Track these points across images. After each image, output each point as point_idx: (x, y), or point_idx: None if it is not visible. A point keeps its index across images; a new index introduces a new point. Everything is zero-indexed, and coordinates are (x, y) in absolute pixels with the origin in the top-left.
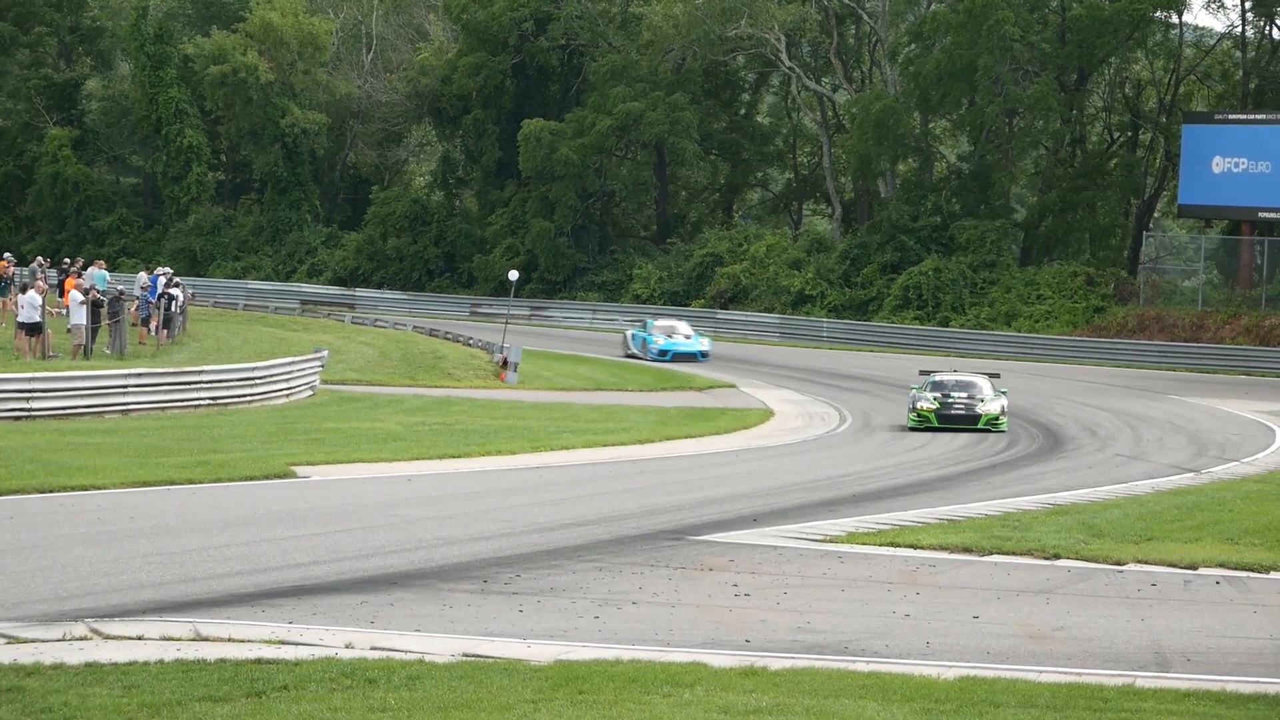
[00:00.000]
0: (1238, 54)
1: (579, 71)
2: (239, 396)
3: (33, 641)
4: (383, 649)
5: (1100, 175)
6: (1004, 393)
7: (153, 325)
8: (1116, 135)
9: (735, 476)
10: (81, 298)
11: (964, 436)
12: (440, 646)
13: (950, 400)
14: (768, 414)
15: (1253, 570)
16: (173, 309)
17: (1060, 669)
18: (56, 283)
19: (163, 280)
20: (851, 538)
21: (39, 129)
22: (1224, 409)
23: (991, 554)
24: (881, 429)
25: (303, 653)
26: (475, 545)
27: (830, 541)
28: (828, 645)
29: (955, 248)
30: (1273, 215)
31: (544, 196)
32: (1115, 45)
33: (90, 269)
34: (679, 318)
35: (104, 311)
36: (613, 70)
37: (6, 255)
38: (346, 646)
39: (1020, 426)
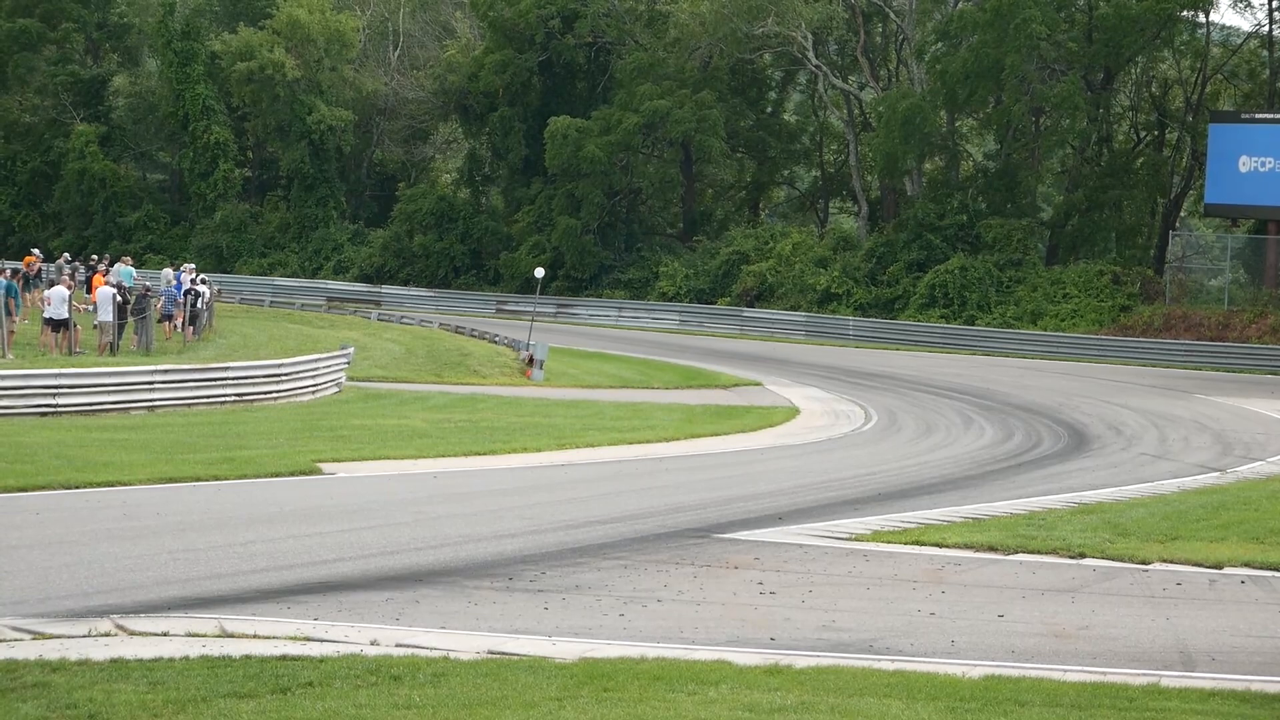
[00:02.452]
0: (1264, 53)
1: (605, 69)
2: (265, 393)
3: (58, 637)
4: (408, 646)
5: (1127, 174)
6: None
7: (177, 321)
8: (1143, 134)
9: (760, 474)
10: (110, 294)
11: (989, 434)
12: (465, 643)
13: None
14: (793, 412)
15: (1278, 570)
16: (198, 305)
17: (1085, 668)
18: (84, 279)
19: (187, 278)
20: (876, 536)
21: (66, 125)
22: (1250, 408)
23: (1017, 553)
24: (906, 428)
25: (328, 649)
26: (500, 542)
27: (855, 540)
28: (852, 643)
29: (981, 246)
30: None
31: (570, 194)
32: (1142, 44)
33: (117, 265)
34: None
35: (130, 308)
36: (639, 68)
37: (34, 251)
38: (372, 643)
39: (1045, 425)
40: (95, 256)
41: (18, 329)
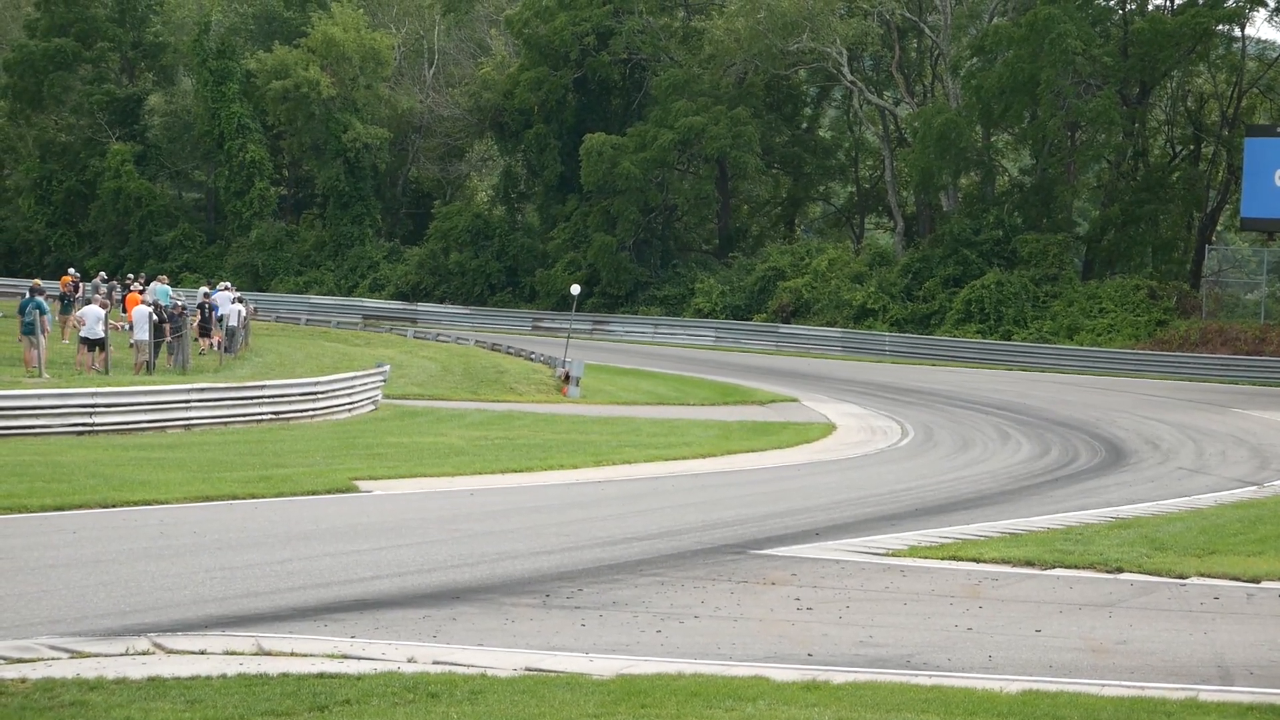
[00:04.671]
0: None
1: (640, 86)
2: (301, 411)
3: (96, 656)
4: (445, 663)
5: (1162, 189)
6: None
7: (215, 340)
8: (1179, 148)
9: (797, 490)
10: (146, 313)
11: (1026, 449)
12: (502, 661)
13: None
14: (830, 428)
15: None
16: (235, 322)
17: (1123, 682)
18: (120, 298)
19: (227, 296)
20: (914, 551)
21: (102, 144)
22: None
23: (1054, 567)
24: (943, 443)
25: (365, 667)
26: (537, 559)
27: (892, 555)
28: (890, 659)
29: (1017, 261)
30: None
31: (606, 211)
32: (1177, 58)
33: (153, 284)
34: None
35: (167, 327)
36: (674, 84)
37: (71, 270)
38: (409, 661)
39: (1082, 440)
40: (131, 275)
41: (47, 350)
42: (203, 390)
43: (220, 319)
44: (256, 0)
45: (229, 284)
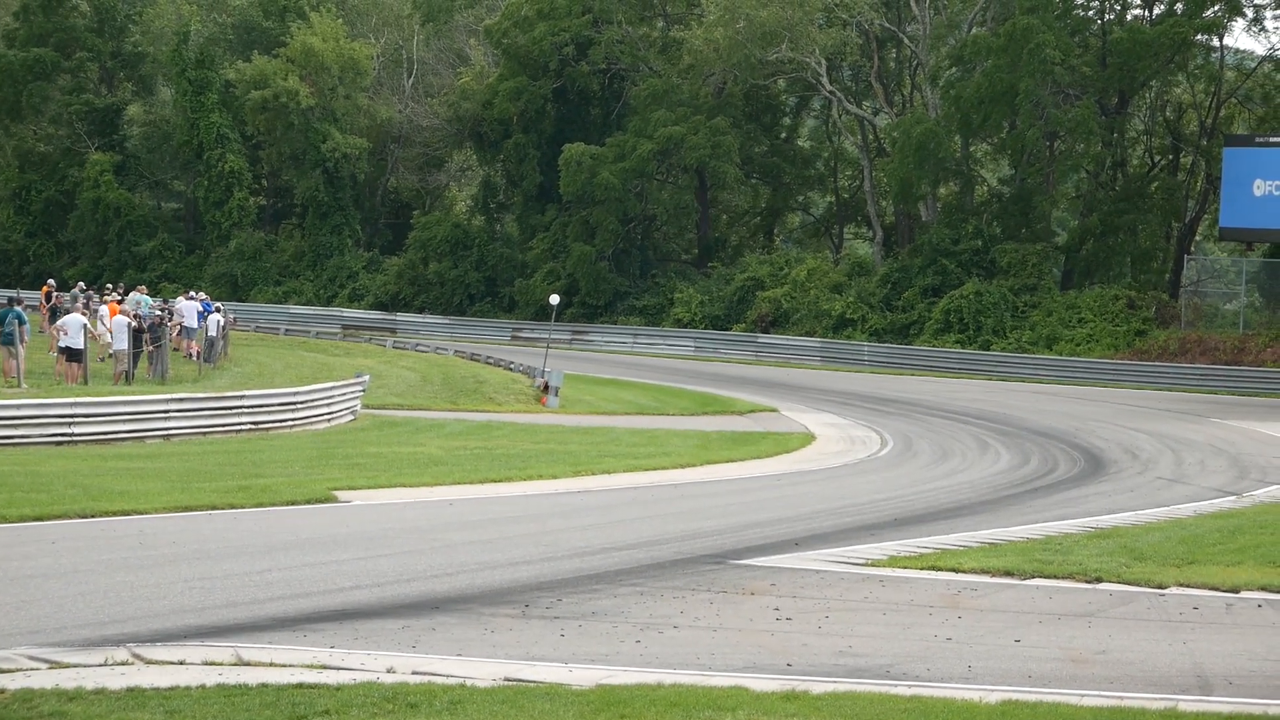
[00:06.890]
0: (1278, 77)
1: (620, 96)
2: (280, 421)
3: (74, 666)
4: (424, 673)
5: (1141, 198)
6: None
7: (193, 350)
8: (1157, 158)
9: (777, 500)
10: (125, 323)
11: (1005, 459)
12: (482, 671)
13: None
14: (809, 438)
15: None
16: (214, 332)
17: (1102, 693)
18: (98, 307)
19: (192, 306)
20: (893, 561)
21: (81, 154)
22: (1266, 432)
23: (1033, 577)
24: (923, 453)
25: (344, 677)
26: (516, 569)
27: (872, 565)
28: (869, 669)
29: (996, 271)
30: None
31: (585, 221)
32: (1156, 68)
33: (132, 294)
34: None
35: (146, 336)
36: (653, 94)
37: (50, 281)
38: (388, 671)
39: (1061, 450)
40: (110, 286)
41: (25, 360)
42: (182, 400)
43: (184, 331)
44: (236, 10)
45: (194, 292)
